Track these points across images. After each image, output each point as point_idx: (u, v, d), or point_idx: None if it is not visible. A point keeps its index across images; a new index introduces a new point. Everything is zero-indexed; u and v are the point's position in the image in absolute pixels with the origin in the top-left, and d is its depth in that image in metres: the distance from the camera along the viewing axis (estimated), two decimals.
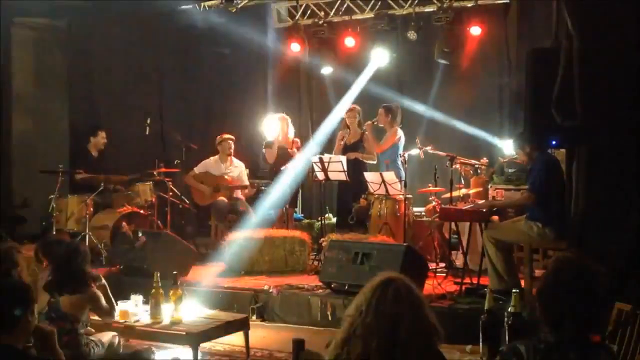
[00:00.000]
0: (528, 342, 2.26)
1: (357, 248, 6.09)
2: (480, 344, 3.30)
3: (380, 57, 8.64)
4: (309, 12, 9.27)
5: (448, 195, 6.95)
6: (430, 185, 7.33)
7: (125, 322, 4.70)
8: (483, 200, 6.53)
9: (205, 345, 5.01)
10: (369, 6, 8.88)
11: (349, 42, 8.79)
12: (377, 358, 2.13)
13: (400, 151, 7.66)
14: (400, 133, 7.76)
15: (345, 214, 7.92)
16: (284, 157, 8.13)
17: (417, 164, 7.93)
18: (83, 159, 8.46)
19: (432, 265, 6.68)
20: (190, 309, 4.94)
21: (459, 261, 6.85)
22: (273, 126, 8.25)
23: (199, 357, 4.61)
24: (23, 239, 6.97)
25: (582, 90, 4.65)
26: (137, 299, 5.00)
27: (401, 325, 2.14)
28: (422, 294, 2.28)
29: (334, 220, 8.29)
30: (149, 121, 8.06)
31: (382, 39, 8.55)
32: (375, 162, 8.06)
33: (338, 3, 9.05)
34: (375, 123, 7.84)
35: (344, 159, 7.48)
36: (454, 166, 7.00)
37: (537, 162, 5.63)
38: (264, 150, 8.41)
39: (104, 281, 4.47)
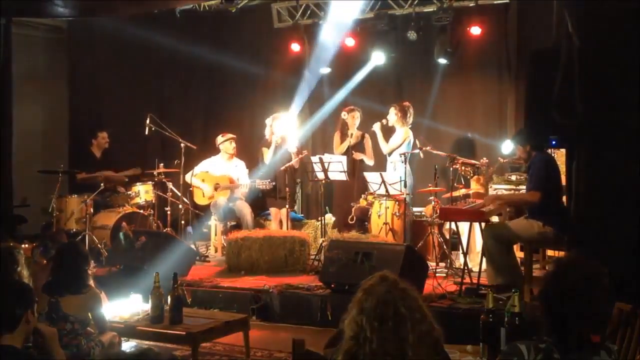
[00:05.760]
0: (529, 342, 2.27)
1: (357, 248, 6.10)
2: (480, 344, 3.30)
3: (377, 57, 8.64)
4: (309, 12, 9.27)
5: (448, 195, 6.96)
6: (430, 185, 7.33)
7: (125, 322, 4.71)
8: (484, 201, 6.51)
9: (206, 345, 5.02)
10: (369, 6, 8.88)
11: (349, 42, 8.79)
12: None
13: (406, 150, 7.68)
14: (410, 133, 7.77)
15: (345, 214, 7.93)
16: (283, 157, 8.14)
17: (417, 164, 7.93)
18: (86, 160, 8.45)
19: (432, 265, 6.68)
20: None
21: (459, 261, 6.86)
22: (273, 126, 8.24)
23: (199, 357, 4.61)
24: (23, 239, 6.97)
25: (582, 90, 4.66)
26: (137, 298, 5.01)
27: (406, 333, 2.14)
28: (417, 293, 2.28)
29: (333, 220, 8.28)
30: (148, 121, 8.06)
31: (382, 39, 8.54)
32: (372, 164, 8.08)
33: (338, 3, 9.02)
34: (385, 123, 7.84)
35: (344, 159, 7.48)
36: (454, 166, 7.00)
37: (535, 161, 5.64)
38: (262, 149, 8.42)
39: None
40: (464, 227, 6.65)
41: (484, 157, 7.53)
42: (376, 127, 7.84)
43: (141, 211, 8.02)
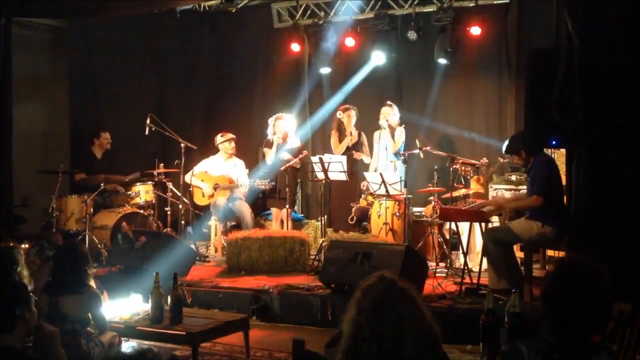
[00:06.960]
0: (529, 342, 2.26)
1: (357, 248, 6.10)
2: (480, 344, 3.30)
3: (378, 57, 8.64)
4: (309, 12, 9.27)
5: (448, 195, 6.96)
6: (430, 185, 7.33)
7: (125, 322, 4.71)
8: (485, 201, 6.50)
9: (205, 345, 5.02)
10: (369, 6, 8.88)
11: (349, 42, 8.79)
12: None
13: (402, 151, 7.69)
14: (404, 133, 7.80)
15: (345, 214, 7.92)
16: (283, 157, 8.13)
17: (417, 164, 7.93)
18: (87, 161, 8.44)
19: (432, 265, 6.68)
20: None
21: (459, 261, 6.86)
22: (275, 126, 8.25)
23: (199, 357, 4.61)
24: (23, 239, 6.97)
25: (582, 90, 4.65)
26: (137, 298, 5.01)
27: (405, 332, 2.14)
28: (416, 293, 2.28)
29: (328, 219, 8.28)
30: (149, 121, 8.06)
31: (382, 39, 8.54)
32: (369, 162, 8.09)
33: (338, 3, 9.04)
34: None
35: (344, 159, 7.49)
36: (453, 166, 7.00)
37: (536, 162, 5.63)
38: (263, 149, 8.42)
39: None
40: (464, 227, 6.65)
41: (484, 157, 7.53)
42: (384, 124, 7.81)
43: (141, 211, 8.02)
